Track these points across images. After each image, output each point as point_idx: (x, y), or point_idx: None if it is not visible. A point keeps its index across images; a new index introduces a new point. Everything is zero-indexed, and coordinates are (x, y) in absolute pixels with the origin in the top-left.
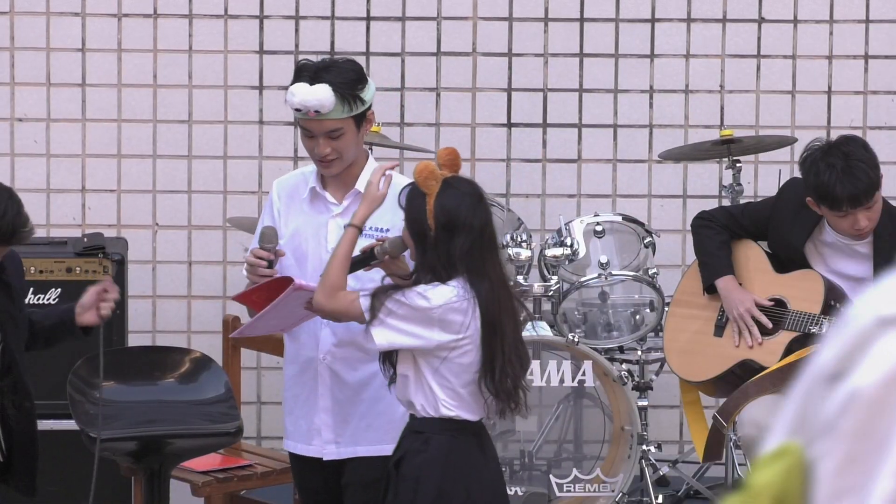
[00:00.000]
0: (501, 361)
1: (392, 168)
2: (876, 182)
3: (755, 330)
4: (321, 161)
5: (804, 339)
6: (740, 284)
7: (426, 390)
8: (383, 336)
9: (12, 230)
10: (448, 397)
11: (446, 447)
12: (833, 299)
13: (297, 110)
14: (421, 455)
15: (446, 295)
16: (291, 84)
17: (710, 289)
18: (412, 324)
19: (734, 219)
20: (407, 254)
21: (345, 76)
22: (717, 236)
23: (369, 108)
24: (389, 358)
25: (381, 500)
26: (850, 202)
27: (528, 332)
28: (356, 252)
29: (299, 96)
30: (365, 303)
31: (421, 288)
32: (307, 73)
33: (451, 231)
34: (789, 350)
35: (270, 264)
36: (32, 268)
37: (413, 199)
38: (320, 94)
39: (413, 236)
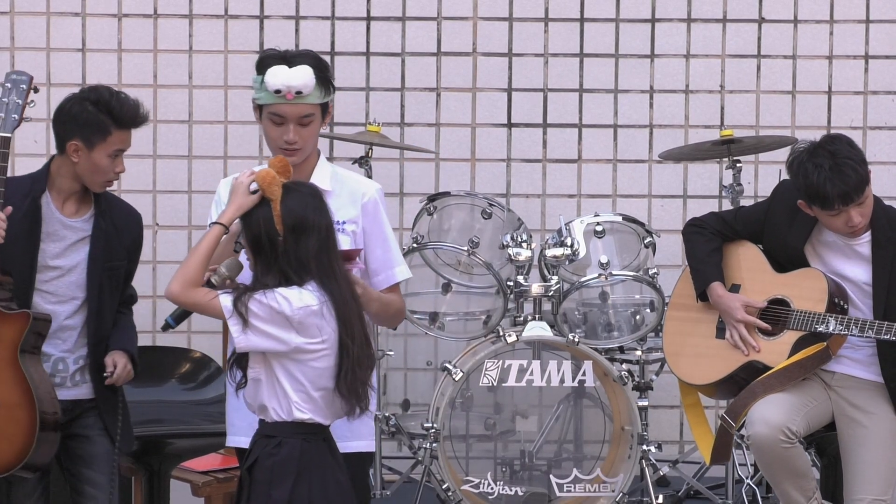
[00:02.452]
0: (350, 363)
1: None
2: (864, 177)
3: (750, 341)
4: (287, 149)
5: (810, 338)
6: (738, 286)
7: (279, 393)
8: (244, 338)
9: (137, 111)
10: (301, 400)
11: (298, 450)
12: (837, 297)
13: (277, 92)
14: (272, 458)
15: (305, 299)
16: (260, 72)
17: (702, 296)
18: (271, 325)
19: (727, 224)
20: None
21: (318, 62)
22: (707, 243)
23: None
24: (240, 362)
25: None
26: (842, 200)
27: (528, 331)
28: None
29: (281, 77)
30: (225, 301)
31: (281, 290)
32: (277, 58)
33: (300, 233)
34: (795, 349)
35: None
36: None
37: (255, 209)
38: (303, 75)
39: (258, 245)
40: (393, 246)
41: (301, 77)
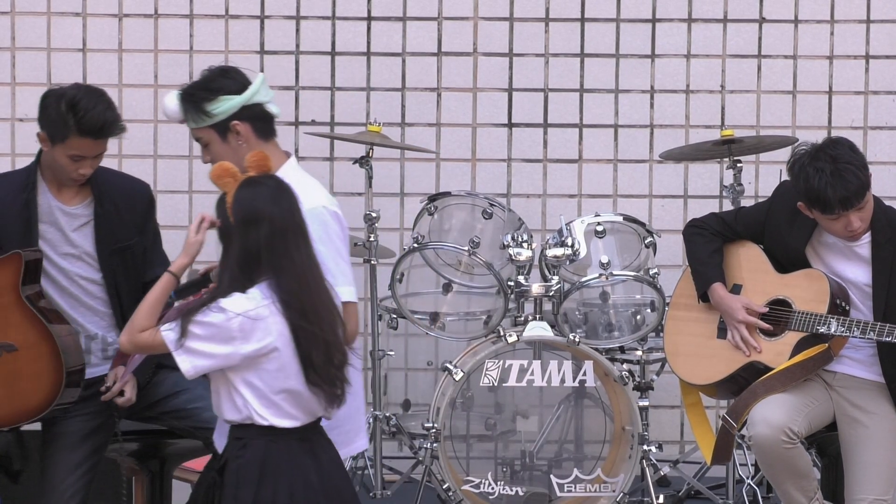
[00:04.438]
0: (322, 349)
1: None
2: (866, 183)
3: (752, 341)
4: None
5: (811, 339)
6: (740, 286)
7: (238, 403)
8: (189, 363)
9: (102, 123)
10: (262, 406)
11: (262, 451)
12: (839, 298)
13: None
14: (238, 460)
15: (244, 305)
16: None
17: (703, 297)
18: (213, 343)
19: (727, 225)
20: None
21: (196, 88)
22: (708, 244)
23: (231, 119)
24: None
25: None
26: (842, 205)
27: (528, 331)
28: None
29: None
30: (168, 334)
31: (221, 301)
32: None
33: (249, 224)
34: (797, 350)
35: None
36: None
37: (218, 206)
38: (168, 104)
39: (220, 238)
40: (330, 266)
41: (165, 107)
